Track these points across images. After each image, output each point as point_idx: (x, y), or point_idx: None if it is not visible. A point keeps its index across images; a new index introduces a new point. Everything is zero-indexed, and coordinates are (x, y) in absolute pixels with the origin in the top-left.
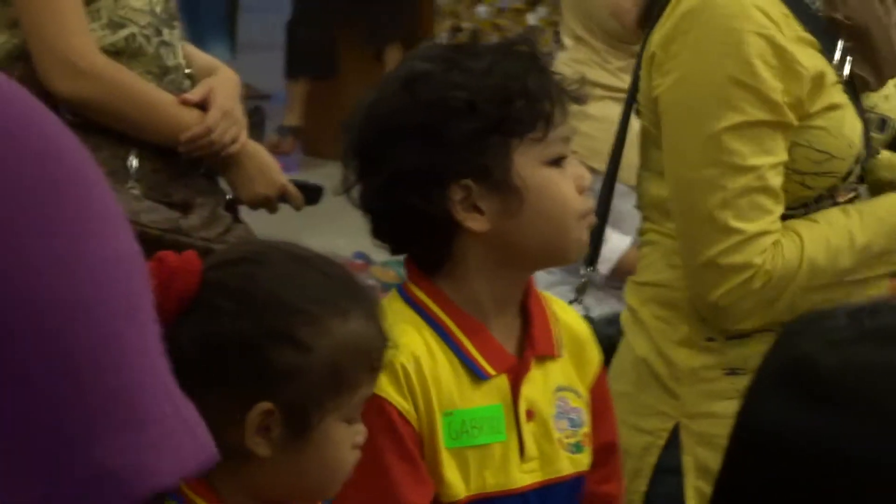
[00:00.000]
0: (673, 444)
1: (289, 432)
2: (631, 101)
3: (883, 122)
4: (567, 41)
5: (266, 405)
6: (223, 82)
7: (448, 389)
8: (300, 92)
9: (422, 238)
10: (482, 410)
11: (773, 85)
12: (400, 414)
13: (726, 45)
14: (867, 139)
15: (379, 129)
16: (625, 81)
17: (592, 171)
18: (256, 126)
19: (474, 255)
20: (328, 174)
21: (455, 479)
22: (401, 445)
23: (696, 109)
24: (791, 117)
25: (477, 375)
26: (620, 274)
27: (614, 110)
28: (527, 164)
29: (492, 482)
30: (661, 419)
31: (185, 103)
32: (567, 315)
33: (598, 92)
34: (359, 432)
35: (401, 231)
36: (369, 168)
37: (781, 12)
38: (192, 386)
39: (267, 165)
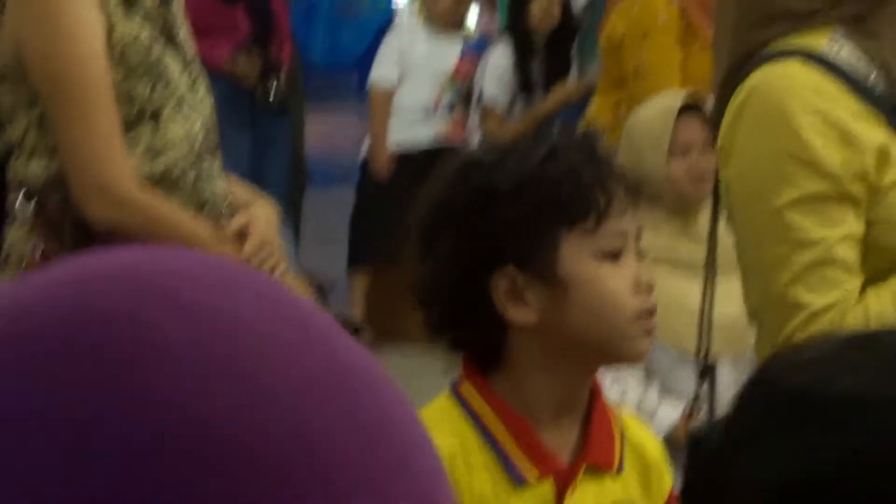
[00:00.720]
0: None
1: None
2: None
3: None
4: None
5: None
6: (261, 213)
7: (481, 494)
8: (362, 282)
9: (472, 330)
10: None
11: (830, 156)
12: None
13: (778, 122)
14: None
15: (429, 214)
16: (677, 247)
17: None
18: None
19: (525, 351)
20: (401, 355)
21: None
22: None
23: (755, 189)
24: (856, 189)
25: (516, 480)
26: (671, 448)
27: (664, 278)
28: (575, 255)
29: None
30: None
31: (223, 235)
32: (640, 434)
33: (650, 257)
34: None
35: (452, 323)
36: (422, 254)
37: (836, 89)
38: None
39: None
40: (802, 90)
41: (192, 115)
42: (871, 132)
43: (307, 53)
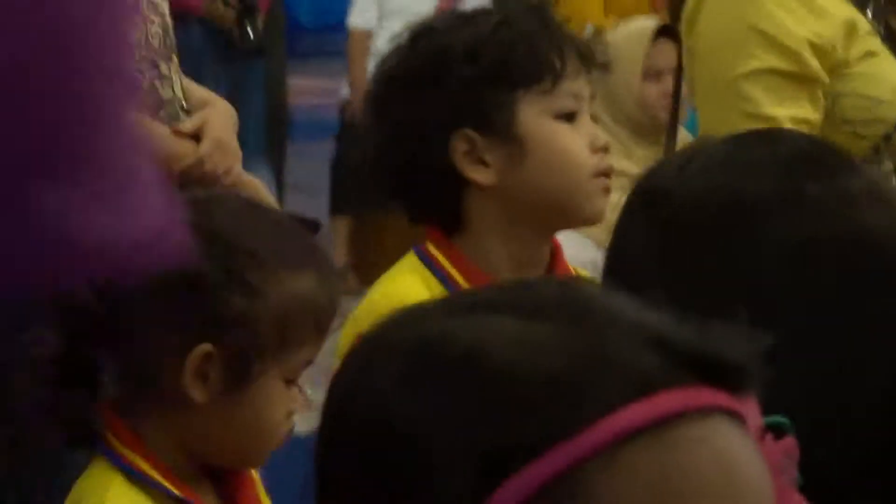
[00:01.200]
0: None
1: (227, 380)
2: None
3: None
4: None
5: (207, 347)
6: (217, 114)
7: None
8: (344, 230)
9: (431, 195)
10: None
11: (795, 32)
12: None
13: None
14: None
15: (384, 81)
16: None
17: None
18: None
19: (485, 213)
20: None
21: None
22: None
23: (717, 59)
24: (816, 66)
25: None
26: None
27: None
28: (533, 115)
29: None
30: None
31: (178, 134)
32: None
33: (622, 181)
34: (295, 400)
35: (412, 189)
36: (377, 121)
37: None
38: (136, 321)
39: (261, 199)
40: None
41: (149, 16)
42: (839, 6)
43: (294, 14)
